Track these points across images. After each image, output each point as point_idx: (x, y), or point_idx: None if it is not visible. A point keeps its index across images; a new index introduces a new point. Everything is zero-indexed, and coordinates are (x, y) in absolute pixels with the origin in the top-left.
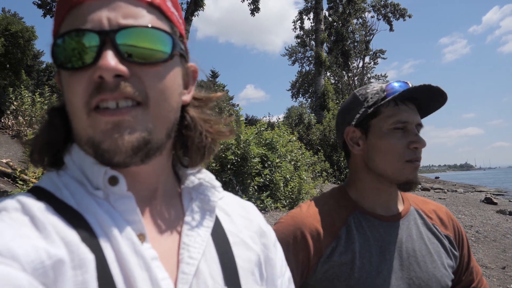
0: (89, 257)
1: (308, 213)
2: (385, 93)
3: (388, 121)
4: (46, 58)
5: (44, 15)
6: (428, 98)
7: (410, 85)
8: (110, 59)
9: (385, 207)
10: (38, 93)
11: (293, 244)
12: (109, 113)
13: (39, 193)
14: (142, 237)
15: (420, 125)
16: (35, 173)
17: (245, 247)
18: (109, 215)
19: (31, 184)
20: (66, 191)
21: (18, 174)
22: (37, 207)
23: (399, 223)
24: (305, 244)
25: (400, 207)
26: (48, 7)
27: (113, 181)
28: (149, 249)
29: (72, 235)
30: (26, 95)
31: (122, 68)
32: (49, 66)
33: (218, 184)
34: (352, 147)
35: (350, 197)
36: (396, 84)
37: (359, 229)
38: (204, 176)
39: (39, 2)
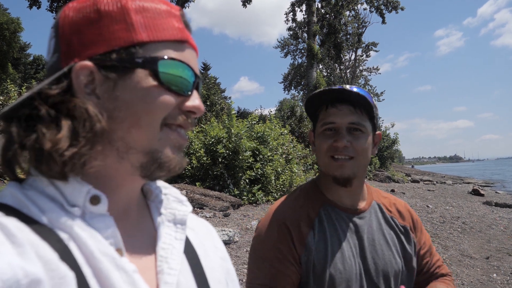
0: (69, 275)
1: (286, 207)
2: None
3: (320, 123)
4: (34, 51)
5: (30, 6)
6: (356, 100)
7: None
8: (200, 101)
9: (350, 201)
10: (25, 87)
11: (282, 237)
12: (180, 135)
13: (6, 209)
14: (119, 251)
15: (353, 124)
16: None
17: (210, 259)
18: (86, 232)
19: None
20: (34, 207)
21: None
22: (11, 223)
23: (362, 216)
24: (290, 235)
25: (364, 201)
26: None
27: (94, 200)
28: (128, 263)
29: (50, 253)
30: (13, 89)
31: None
32: (37, 58)
33: (184, 198)
34: (311, 147)
35: (320, 191)
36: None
37: (329, 220)
38: (169, 191)
39: None
